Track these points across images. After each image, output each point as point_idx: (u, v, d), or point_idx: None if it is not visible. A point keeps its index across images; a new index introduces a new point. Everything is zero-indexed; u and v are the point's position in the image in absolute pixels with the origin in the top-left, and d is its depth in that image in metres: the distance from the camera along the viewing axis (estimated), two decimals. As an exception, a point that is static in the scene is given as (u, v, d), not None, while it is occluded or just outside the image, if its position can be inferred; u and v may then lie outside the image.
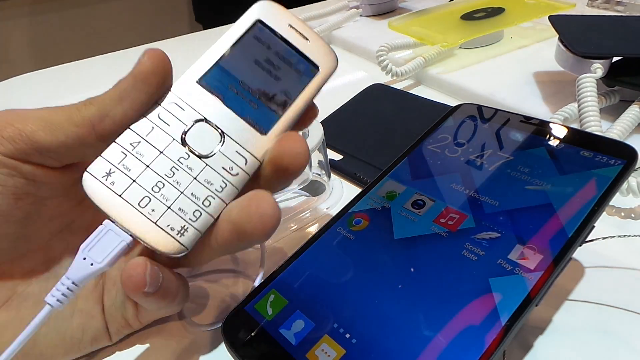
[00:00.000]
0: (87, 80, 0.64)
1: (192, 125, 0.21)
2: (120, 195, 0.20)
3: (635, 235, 0.27)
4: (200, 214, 0.21)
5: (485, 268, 0.22)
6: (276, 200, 0.20)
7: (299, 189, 0.34)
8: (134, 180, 0.20)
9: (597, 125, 0.34)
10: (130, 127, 0.21)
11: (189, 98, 0.21)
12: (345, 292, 0.23)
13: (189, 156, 0.21)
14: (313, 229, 0.33)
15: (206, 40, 0.72)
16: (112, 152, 0.20)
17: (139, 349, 0.26)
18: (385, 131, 0.42)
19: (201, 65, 0.22)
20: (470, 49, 0.55)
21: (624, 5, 0.62)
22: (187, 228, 0.20)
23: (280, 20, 0.23)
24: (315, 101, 0.24)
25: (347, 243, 0.25)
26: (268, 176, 0.22)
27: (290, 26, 0.23)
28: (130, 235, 0.20)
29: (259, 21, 0.23)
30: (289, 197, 0.35)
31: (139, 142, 0.21)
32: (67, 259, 0.25)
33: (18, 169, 0.21)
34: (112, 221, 0.20)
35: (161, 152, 0.21)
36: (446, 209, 0.25)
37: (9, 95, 0.62)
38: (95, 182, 0.20)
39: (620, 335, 0.24)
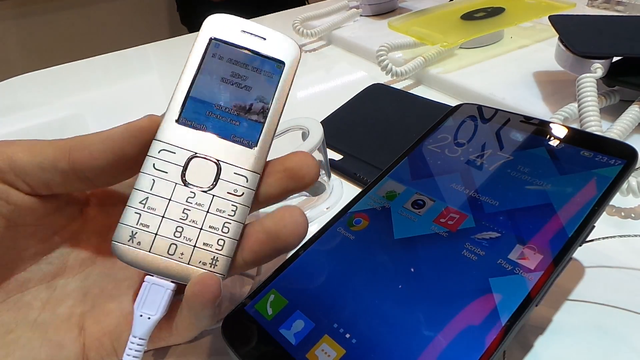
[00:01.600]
0: (85, 80, 0.64)
1: (186, 164, 0.22)
2: (149, 252, 0.21)
3: (635, 235, 0.27)
4: (224, 241, 0.22)
5: (486, 268, 0.22)
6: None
7: (299, 189, 0.34)
8: (156, 234, 0.21)
9: (597, 125, 0.34)
10: (134, 187, 0.22)
11: (174, 140, 0.22)
12: (346, 292, 0.23)
13: (194, 194, 0.22)
14: (313, 229, 0.33)
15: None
16: (127, 215, 0.21)
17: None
18: (385, 131, 0.42)
19: (175, 104, 0.22)
20: (470, 49, 0.55)
21: (624, 5, 0.62)
22: (217, 258, 0.22)
23: (232, 29, 0.23)
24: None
25: (347, 243, 0.25)
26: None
27: (244, 31, 0.23)
28: (171, 281, 0.22)
29: (213, 39, 0.23)
30: (289, 197, 0.35)
31: (147, 198, 0.22)
32: (42, 291, 0.24)
33: None
34: (152, 275, 0.22)
35: (170, 200, 0.22)
36: (446, 209, 0.25)
37: (7, 95, 0.62)
38: (124, 247, 0.21)
39: (620, 335, 0.24)
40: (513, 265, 0.22)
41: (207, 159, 0.22)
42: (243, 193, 0.22)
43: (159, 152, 0.22)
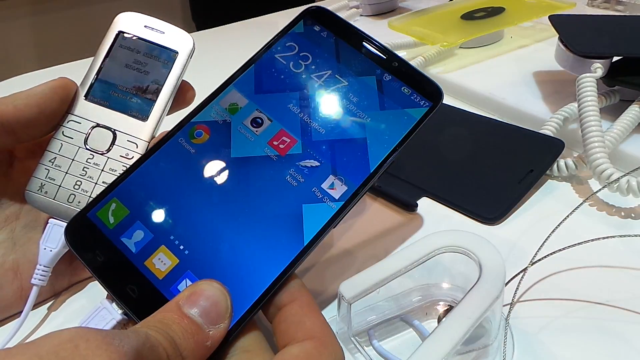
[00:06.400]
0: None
1: (89, 132, 0.28)
2: (54, 199, 0.27)
3: (635, 235, 0.27)
4: None
5: (302, 194, 0.24)
6: None
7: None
8: (59, 186, 0.27)
9: (597, 125, 0.34)
10: (46, 148, 0.27)
11: (82, 113, 0.28)
12: (182, 206, 0.24)
13: (93, 156, 0.27)
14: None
15: (203, 41, 0.72)
16: (39, 170, 0.27)
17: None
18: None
19: (85, 83, 0.28)
20: (470, 48, 0.55)
21: (624, 5, 0.62)
22: None
23: (137, 24, 0.29)
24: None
25: (187, 156, 0.26)
26: None
27: (146, 26, 0.29)
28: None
29: (120, 32, 0.29)
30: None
31: (55, 158, 0.27)
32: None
33: None
34: (54, 219, 0.27)
35: (73, 160, 0.27)
36: (280, 131, 0.26)
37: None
38: (34, 195, 0.27)
39: (620, 335, 0.25)
40: (323, 194, 0.24)
41: (106, 128, 0.28)
42: (133, 157, 0.27)
43: (68, 122, 0.28)
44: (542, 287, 0.27)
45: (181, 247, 0.23)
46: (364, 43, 0.28)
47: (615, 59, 0.39)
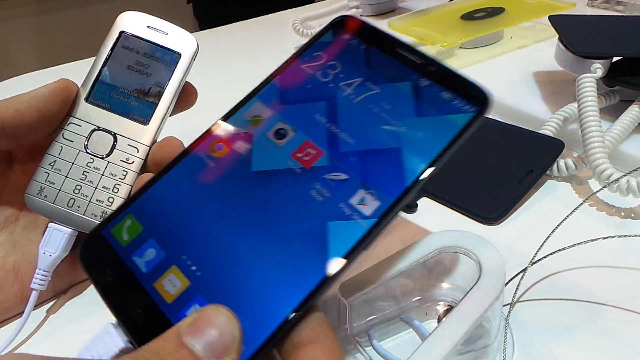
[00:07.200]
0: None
1: (89, 136, 0.27)
2: (53, 203, 0.27)
3: (635, 235, 0.27)
4: (114, 198, 0.27)
5: (328, 210, 0.22)
6: None
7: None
8: (59, 190, 0.27)
9: (597, 125, 0.34)
10: (47, 152, 0.27)
11: (82, 115, 0.28)
12: (198, 223, 0.23)
13: (93, 160, 0.27)
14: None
15: (204, 41, 0.72)
16: (38, 173, 0.27)
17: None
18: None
19: (86, 85, 0.28)
20: (470, 48, 0.55)
21: (624, 5, 0.62)
22: (106, 212, 0.27)
23: (140, 25, 0.29)
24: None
25: (207, 170, 0.24)
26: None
27: (149, 27, 0.29)
28: (69, 228, 0.27)
29: (122, 32, 0.28)
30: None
31: (55, 161, 0.27)
32: None
33: None
34: (54, 223, 0.27)
35: (73, 163, 0.27)
36: (305, 142, 0.24)
37: (8, 95, 0.62)
38: (34, 198, 0.27)
39: (620, 335, 0.25)
40: (352, 211, 0.21)
41: (106, 131, 0.27)
42: (134, 161, 0.28)
43: (68, 125, 0.27)
44: (542, 287, 0.27)
45: (193, 267, 0.21)
46: (396, 49, 0.26)
47: (615, 59, 0.39)
